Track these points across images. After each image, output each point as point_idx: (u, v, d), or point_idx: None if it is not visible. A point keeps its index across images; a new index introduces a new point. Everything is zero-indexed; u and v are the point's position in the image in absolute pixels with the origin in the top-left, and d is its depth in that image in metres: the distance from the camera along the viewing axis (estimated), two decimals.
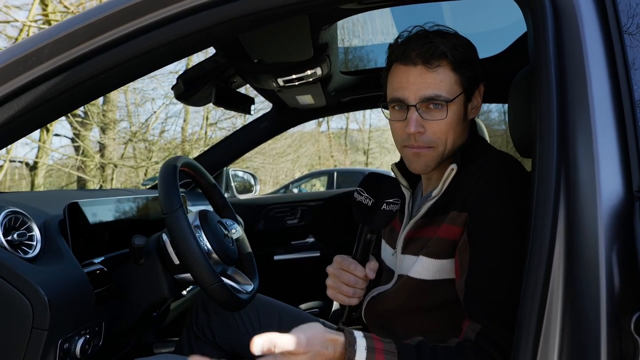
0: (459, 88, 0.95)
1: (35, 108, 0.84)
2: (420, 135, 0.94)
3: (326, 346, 0.75)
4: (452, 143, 0.97)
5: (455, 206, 0.92)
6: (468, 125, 1.02)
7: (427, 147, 0.96)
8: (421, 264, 0.95)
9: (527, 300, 0.67)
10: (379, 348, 0.77)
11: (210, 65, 1.53)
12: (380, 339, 0.80)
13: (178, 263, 1.14)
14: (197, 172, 1.31)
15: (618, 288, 0.63)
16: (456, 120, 0.95)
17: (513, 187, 0.88)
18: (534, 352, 0.66)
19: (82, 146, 8.15)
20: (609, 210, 0.65)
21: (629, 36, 0.72)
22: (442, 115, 0.93)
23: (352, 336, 0.77)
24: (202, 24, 0.82)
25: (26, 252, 0.95)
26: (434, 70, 0.92)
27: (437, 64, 0.92)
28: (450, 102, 0.93)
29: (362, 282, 0.99)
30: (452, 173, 0.95)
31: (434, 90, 0.92)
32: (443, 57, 0.92)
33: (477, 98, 1.01)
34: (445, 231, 0.92)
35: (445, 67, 0.93)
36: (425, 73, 0.92)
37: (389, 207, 0.93)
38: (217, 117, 10.35)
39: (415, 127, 0.93)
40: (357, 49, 2.05)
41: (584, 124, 0.68)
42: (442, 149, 0.96)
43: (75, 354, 0.99)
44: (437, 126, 0.94)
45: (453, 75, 0.94)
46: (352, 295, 0.99)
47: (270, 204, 2.42)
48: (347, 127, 18.64)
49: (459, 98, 0.95)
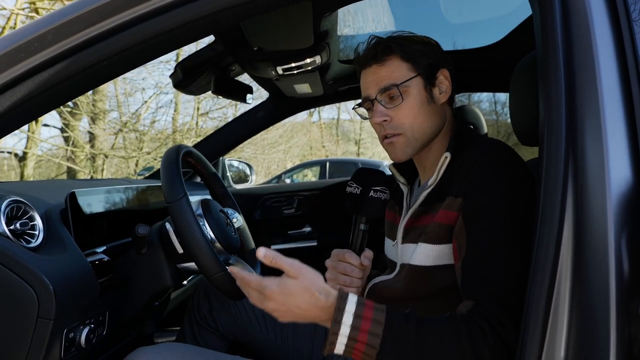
0: (411, 73, 1.01)
1: (38, 95, 0.82)
2: (387, 123, 1.02)
3: (319, 291, 0.77)
4: (420, 127, 1.01)
5: (451, 192, 0.94)
6: (441, 111, 1.05)
7: (397, 135, 1.02)
8: (421, 251, 0.96)
9: (536, 285, 0.68)
10: (369, 305, 0.78)
11: (209, 53, 1.52)
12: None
13: (182, 252, 1.14)
14: (199, 161, 1.30)
15: (627, 273, 0.63)
16: (418, 104, 1.01)
17: (506, 171, 0.89)
18: (542, 337, 0.66)
19: (72, 136, 8.05)
20: (617, 196, 0.65)
21: (636, 23, 0.72)
22: (400, 101, 1.00)
23: (345, 293, 0.79)
24: (207, 10, 0.81)
25: (29, 242, 0.94)
26: (384, 64, 1.01)
27: (385, 58, 1.01)
28: (404, 87, 1.00)
29: (357, 270, 1.03)
30: (446, 161, 0.98)
31: (387, 80, 1.00)
32: (388, 50, 1.01)
33: (444, 82, 1.04)
34: (442, 216, 0.94)
35: (395, 59, 1.01)
36: (378, 69, 1.02)
37: (377, 194, 1.03)
38: (209, 107, 10.28)
39: (379, 117, 1.01)
40: (354, 37, 2.04)
41: (592, 110, 0.69)
42: (410, 134, 1.01)
43: (81, 344, 0.98)
44: (401, 112, 1.00)
45: (404, 64, 1.01)
46: (350, 284, 1.03)
47: (266, 194, 2.41)
48: (339, 118, 18.62)
49: (414, 82, 1.00)
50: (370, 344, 0.75)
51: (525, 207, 0.83)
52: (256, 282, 0.79)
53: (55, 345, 0.91)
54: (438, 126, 1.04)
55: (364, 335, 0.75)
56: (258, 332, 1.32)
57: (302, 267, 0.78)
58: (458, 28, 1.21)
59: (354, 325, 0.75)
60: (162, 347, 1.00)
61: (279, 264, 0.78)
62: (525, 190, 0.87)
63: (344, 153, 17.81)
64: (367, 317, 0.76)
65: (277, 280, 0.78)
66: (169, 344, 1.03)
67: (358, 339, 0.75)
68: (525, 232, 0.79)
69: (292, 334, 1.31)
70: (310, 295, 0.76)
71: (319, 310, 0.77)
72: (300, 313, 0.78)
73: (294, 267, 0.78)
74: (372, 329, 0.75)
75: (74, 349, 0.97)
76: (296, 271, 0.77)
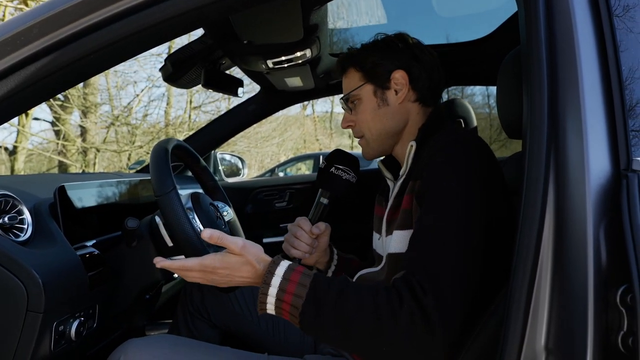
0: (360, 82, 1.09)
1: (24, 89, 0.82)
2: (352, 128, 1.13)
3: (258, 261, 0.86)
4: (375, 129, 1.09)
5: (412, 177, 0.97)
6: (400, 111, 1.08)
7: (361, 137, 1.12)
8: (395, 239, 0.99)
9: (518, 273, 0.69)
10: (299, 269, 0.84)
11: (199, 47, 1.51)
12: None
13: (171, 245, 1.14)
14: (188, 155, 1.30)
15: (605, 262, 0.65)
16: (372, 108, 1.08)
17: (461, 158, 0.90)
18: (524, 324, 0.68)
19: (63, 130, 7.99)
20: (597, 188, 0.67)
21: (617, 18, 0.74)
22: (359, 109, 1.10)
23: (280, 258, 0.87)
24: (194, 4, 0.81)
25: (17, 236, 0.94)
26: (346, 76, 1.13)
27: (346, 70, 1.12)
28: (354, 95, 1.10)
29: (307, 237, 1.14)
30: (412, 149, 1.03)
31: (345, 90, 1.12)
32: (347, 61, 1.11)
33: (400, 83, 1.07)
34: (407, 202, 0.97)
35: (352, 70, 1.11)
36: (344, 80, 1.14)
37: (338, 172, 1.13)
38: (201, 101, 10.23)
39: (344, 123, 1.14)
40: (345, 31, 2.04)
41: (573, 104, 0.70)
42: (368, 136, 1.10)
43: (70, 336, 0.99)
44: (358, 117, 1.10)
45: (357, 74, 1.10)
46: (297, 247, 1.13)
47: (258, 187, 2.42)
48: (332, 111, 18.57)
49: (362, 90, 1.08)
50: (294, 304, 0.80)
51: (480, 198, 0.84)
52: (198, 265, 0.87)
53: (45, 338, 0.92)
54: (397, 125, 1.09)
55: (289, 296, 0.81)
56: (249, 323, 1.34)
57: (245, 245, 0.86)
58: (448, 21, 1.22)
59: (281, 287, 0.82)
60: (153, 339, 1.01)
61: (225, 243, 0.85)
62: (482, 182, 0.87)
63: (337, 146, 17.74)
64: (293, 280, 0.82)
65: (218, 256, 0.87)
66: (159, 336, 1.04)
67: (284, 299, 0.81)
68: (476, 222, 0.81)
69: (284, 324, 1.33)
70: (252, 267, 0.86)
71: (257, 277, 0.86)
72: (241, 281, 0.88)
73: (237, 245, 0.85)
74: (296, 291, 0.81)
75: (64, 342, 0.98)
76: (240, 249, 0.85)
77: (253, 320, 1.34)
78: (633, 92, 0.71)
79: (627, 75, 0.71)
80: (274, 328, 1.33)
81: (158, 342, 0.99)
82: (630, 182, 0.65)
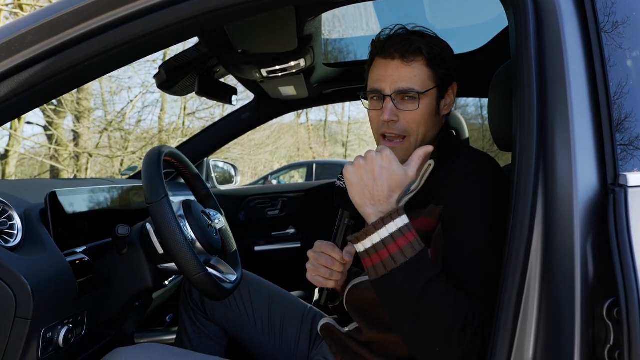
0: (431, 83, 1.01)
1: (18, 95, 0.82)
2: (394, 123, 1.01)
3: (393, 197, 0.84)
4: (423, 135, 1.03)
5: (433, 200, 0.96)
6: (440, 122, 1.07)
7: (401, 137, 1.02)
8: None
9: (506, 285, 0.70)
10: (414, 233, 0.83)
11: (193, 55, 1.52)
12: None
13: (162, 252, 1.14)
14: (181, 162, 1.30)
15: (592, 276, 0.66)
16: (428, 113, 1.02)
17: (488, 184, 0.93)
18: (512, 335, 0.69)
19: (56, 135, 7.94)
20: (584, 202, 0.68)
21: (606, 34, 0.75)
22: (415, 107, 1.00)
23: (402, 209, 0.84)
24: (188, 13, 0.82)
25: (7, 241, 0.94)
26: (410, 64, 1.00)
27: (412, 59, 0.99)
28: (423, 95, 1.00)
29: (338, 264, 1.03)
30: (430, 168, 0.98)
31: (408, 84, 0.99)
32: (418, 52, 0.99)
33: (451, 96, 1.07)
34: (421, 223, 0.96)
35: (420, 62, 1.00)
36: (402, 67, 1.00)
37: None
38: (195, 107, 10.22)
39: (389, 115, 1.00)
40: (339, 41, 2.06)
41: (562, 118, 0.71)
42: (414, 140, 1.02)
43: (58, 343, 0.98)
44: (410, 116, 1.00)
45: (427, 71, 1.01)
46: (329, 277, 1.03)
47: (251, 195, 2.42)
48: (326, 119, 18.63)
49: (431, 92, 1.01)
50: (395, 258, 0.79)
51: (503, 217, 0.86)
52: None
53: (32, 345, 0.91)
54: (435, 136, 1.06)
55: (395, 248, 0.80)
56: (246, 324, 1.33)
57: None
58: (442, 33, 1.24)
59: (394, 235, 0.80)
60: (140, 347, 1.00)
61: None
62: (503, 201, 0.89)
63: (331, 155, 17.82)
64: (408, 237, 0.81)
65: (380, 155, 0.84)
66: (146, 344, 1.03)
67: (388, 247, 0.80)
68: (500, 239, 0.82)
69: (280, 326, 1.32)
70: (394, 192, 0.83)
71: (386, 202, 0.83)
72: (377, 193, 0.83)
73: None
74: (405, 248, 0.80)
75: (51, 349, 0.97)
76: None
77: (249, 321, 1.33)
78: (621, 108, 0.72)
79: (616, 90, 0.73)
80: (270, 330, 1.32)
81: (145, 351, 0.98)
82: (617, 197, 0.66)
